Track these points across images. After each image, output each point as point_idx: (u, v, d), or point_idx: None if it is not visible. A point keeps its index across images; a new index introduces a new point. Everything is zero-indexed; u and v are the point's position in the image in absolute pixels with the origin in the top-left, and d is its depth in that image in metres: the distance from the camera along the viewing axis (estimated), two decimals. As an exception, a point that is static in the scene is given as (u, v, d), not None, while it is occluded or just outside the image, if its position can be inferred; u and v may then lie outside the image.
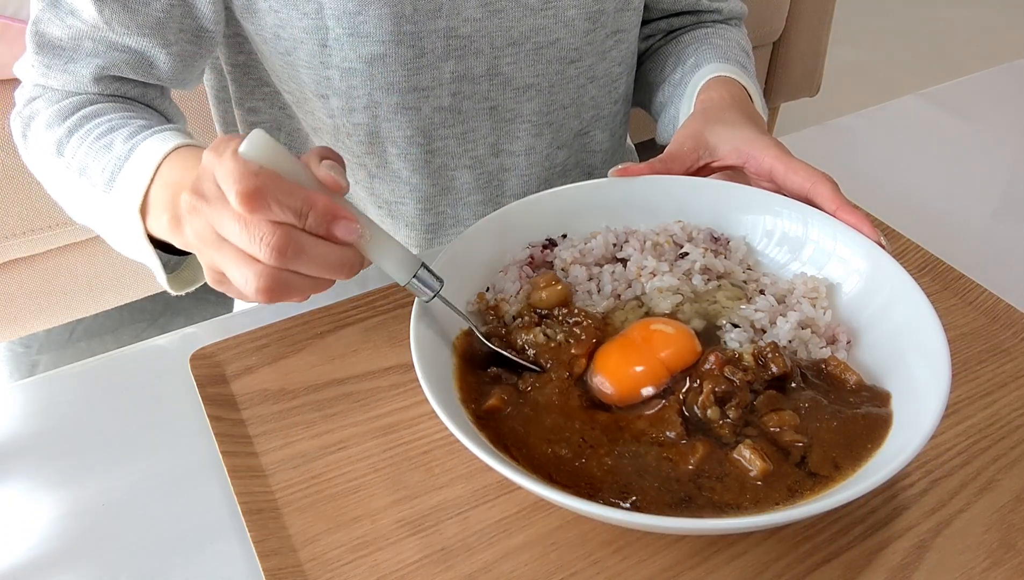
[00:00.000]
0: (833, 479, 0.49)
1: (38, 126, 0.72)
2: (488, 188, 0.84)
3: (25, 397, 0.63)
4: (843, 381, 0.55)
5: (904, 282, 0.57)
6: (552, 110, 0.81)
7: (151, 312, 1.85)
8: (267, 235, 0.49)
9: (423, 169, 0.80)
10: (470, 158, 0.81)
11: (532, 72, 0.78)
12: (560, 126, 0.83)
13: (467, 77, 0.75)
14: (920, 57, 2.78)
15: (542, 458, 0.50)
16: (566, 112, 0.82)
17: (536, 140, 0.82)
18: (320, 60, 0.72)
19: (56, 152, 0.70)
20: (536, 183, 0.85)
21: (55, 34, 0.70)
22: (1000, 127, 0.94)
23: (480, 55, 0.75)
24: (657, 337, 0.56)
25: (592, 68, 0.81)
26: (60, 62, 0.71)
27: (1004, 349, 0.63)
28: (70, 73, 0.71)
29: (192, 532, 0.53)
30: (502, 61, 0.76)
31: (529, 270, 0.62)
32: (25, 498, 0.55)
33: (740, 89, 0.77)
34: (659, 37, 0.92)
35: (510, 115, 0.80)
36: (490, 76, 0.76)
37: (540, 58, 0.77)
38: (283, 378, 0.61)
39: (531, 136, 0.82)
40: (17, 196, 1.40)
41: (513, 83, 0.78)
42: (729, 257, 0.63)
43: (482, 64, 0.75)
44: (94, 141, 0.67)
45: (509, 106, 0.79)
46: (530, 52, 0.76)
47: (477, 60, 0.75)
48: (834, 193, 0.62)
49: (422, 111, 0.76)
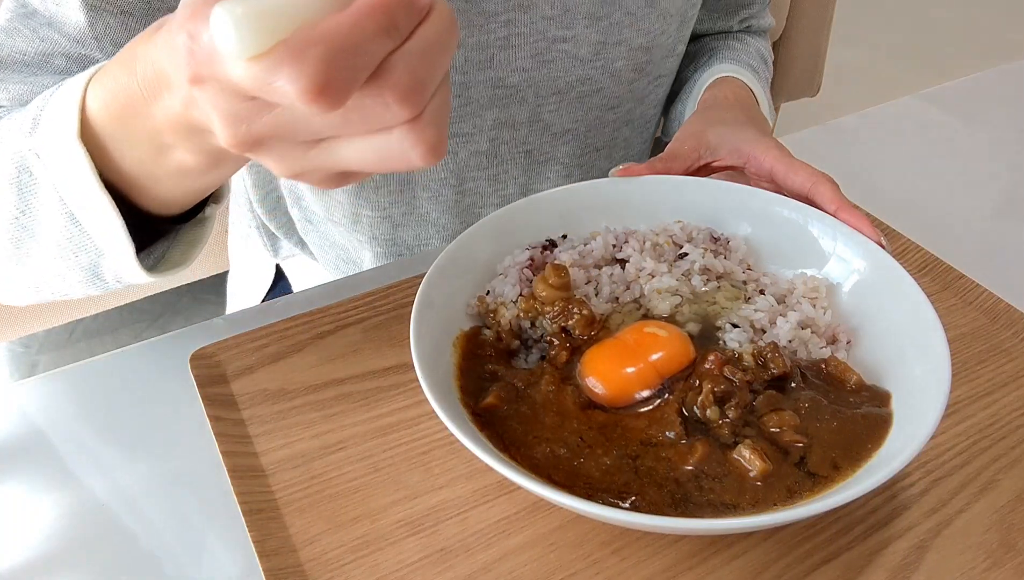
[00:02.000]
0: (833, 479, 0.49)
1: None
2: None
3: (25, 397, 0.63)
4: (843, 381, 0.55)
5: (904, 282, 0.57)
6: (586, 153, 0.81)
7: (151, 312, 1.85)
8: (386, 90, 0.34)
9: (452, 210, 0.80)
10: (499, 197, 0.81)
11: (571, 119, 0.78)
12: (591, 167, 0.83)
13: (508, 124, 0.75)
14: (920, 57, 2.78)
15: (541, 458, 0.50)
16: (599, 154, 0.82)
17: (565, 180, 0.82)
18: None
19: None
20: None
21: (20, 47, 0.61)
22: (1000, 127, 0.94)
23: (524, 103, 0.74)
24: (649, 340, 0.55)
25: (630, 113, 0.81)
26: (18, 76, 0.61)
27: (1004, 349, 0.63)
28: (28, 84, 0.61)
29: (192, 532, 0.53)
30: (544, 109, 0.76)
31: (529, 273, 0.62)
32: (25, 498, 0.55)
33: (745, 90, 0.77)
34: None
35: (544, 157, 0.80)
36: (530, 123, 0.76)
37: (582, 106, 0.77)
38: (283, 378, 0.61)
39: (561, 177, 0.82)
40: (17, 196, 1.40)
41: (552, 129, 0.78)
42: (729, 257, 0.63)
43: (525, 112, 0.75)
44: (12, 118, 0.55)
45: (544, 150, 0.79)
46: (573, 100, 0.76)
47: (521, 108, 0.75)
48: (834, 193, 0.62)
49: (459, 156, 0.75)
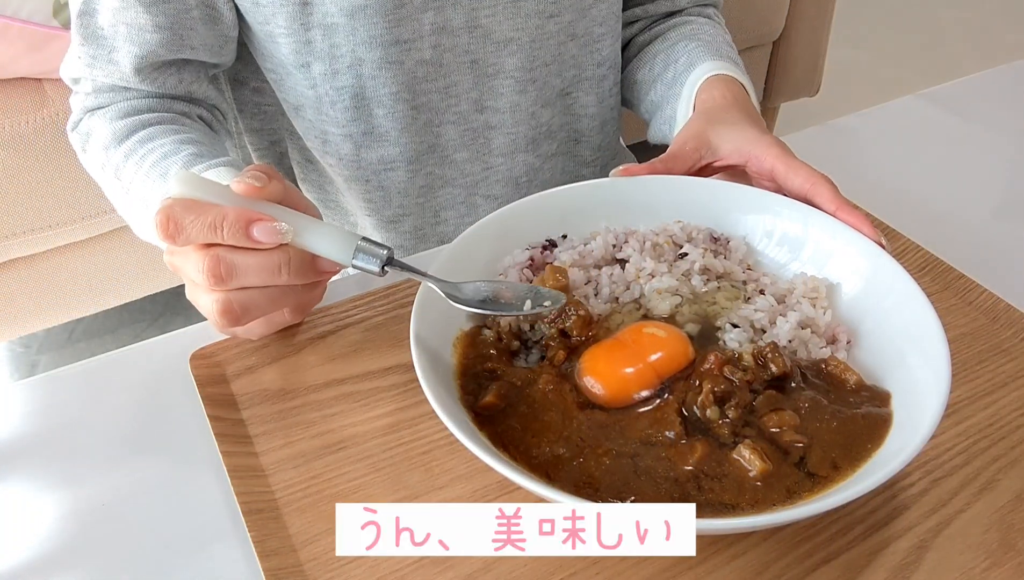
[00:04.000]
0: (832, 479, 0.49)
1: (95, 146, 0.76)
2: (474, 145, 0.84)
3: (25, 397, 0.63)
4: (843, 381, 0.55)
5: (904, 282, 0.57)
6: (534, 67, 0.82)
7: (151, 312, 1.85)
8: (198, 261, 0.54)
9: (410, 127, 0.81)
10: (454, 113, 0.82)
11: (511, 25, 0.79)
12: (543, 84, 0.84)
13: (447, 29, 0.77)
14: (920, 57, 2.78)
15: (540, 457, 0.50)
16: (548, 69, 0.83)
17: (520, 97, 0.83)
18: (300, 22, 0.74)
19: (115, 176, 0.74)
20: (523, 142, 0.86)
21: (98, 22, 0.73)
22: (1000, 127, 0.93)
23: (458, 6, 0.76)
24: (648, 340, 0.55)
25: (572, 25, 0.82)
26: (104, 52, 0.74)
27: (1004, 349, 0.63)
28: (114, 64, 0.74)
29: (192, 532, 0.53)
30: (480, 13, 0.77)
31: (529, 273, 0.62)
32: (25, 498, 0.55)
33: (740, 88, 0.77)
34: (639, 28, 0.92)
35: (492, 70, 0.81)
36: (469, 28, 0.78)
37: (518, 11, 0.79)
38: (283, 378, 0.61)
39: (514, 92, 0.83)
40: (17, 196, 1.40)
41: (493, 36, 0.79)
42: (729, 257, 0.63)
43: (460, 15, 0.77)
44: (149, 169, 0.71)
45: (490, 60, 0.80)
46: (508, 4, 0.78)
47: (455, 11, 0.76)
48: (833, 194, 0.62)
49: (405, 64, 0.77)
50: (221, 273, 0.53)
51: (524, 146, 0.86)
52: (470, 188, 0.87)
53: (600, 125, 0.91)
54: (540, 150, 0.87)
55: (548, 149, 0.88)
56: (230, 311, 0.55)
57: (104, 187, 0.79)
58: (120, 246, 1.55)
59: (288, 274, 0.55)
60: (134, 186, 0.72)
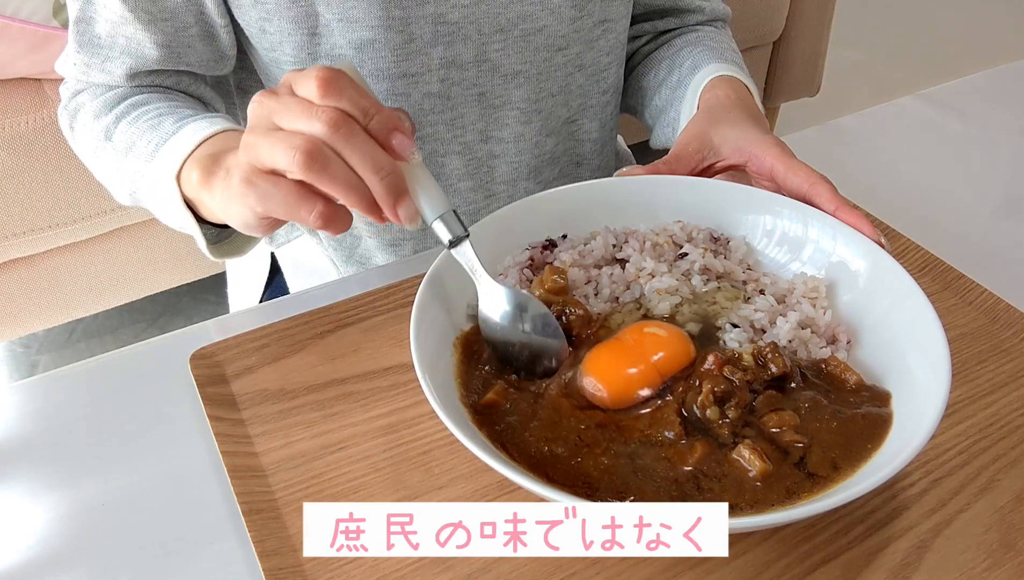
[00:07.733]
0: (832, 480, 0.49)
1: (85, 117, 0.76)
2: (477, 174, 0.84)
3: (25, 397, 0.63)
4: (843, 381, 0.55)
5: (904, 282, 0.57)
6: (541, 98, 0.82)
7: (151, 312, 1.85)
8: (326, 112, 0.51)
9: None
10: (459, 144, 0.81)
11: (520, 59, 0.79)
12: (549, 114, 0.83)
13: (456, 64, 0.76)
14: (920, 57, 2.78)
15: (539, 457, 0.50)
16: (554, 100, 0.83)
17: (525, 127, 0.83)
18: (308, 52, 0.73)
19: (104, 137, 0.73)
20: (526, 170, 0.85)
21: (95, 31, 0.73)
22: (1000, 127, 0.93)
23: (468, 41, 0.76)
24: (650, 340, 0.55)
25: (580, 57, 0.82)
26: (98, 61, 0.74)
27: (1004, 349, 0.63)
28: (107, 73, 0.75)
29: (192, 532, 0.53)
30: (490, 48, 0.77)
31: (529, 273, 0.62)
32: (25, 498, 0.55)
33: (743, 88, 0.77)
34: (646, 40, 0.92)
35: (499, 101, 0.80)
36: (478, 63, 0.77)
37: (528, 45, 0.78)
38: (283, 378, 0.61)
39: (520, 123, 0.82)
40: (17, 196, 1.40)
41: (501, 70, 0.79)
42: (729, 257, 0.63)
43: (470, 50, 0.76)
44: (143, 123, 0.71)
45: (498, 93, 0.80)
46: (518, 39, 0.77)
47: (465, 46, 0.76)
48: (833, 194, 0.62)
49: (411, 97, 0.76)
50: (341, 129, 0.51)
51: (527, 174, 0.86)
52: (471, 216, 0.86)
53: (600, 148, 0.91)
54: (542, 177, 0.87)
55: (550, 175, 0.88)
56: (316, 155, 0.51)
57: (92, 160, 0.77)
58: (120, 246, 1.55)
59: (383, 181, 0.52)
60: (124, 140, 0.71)
